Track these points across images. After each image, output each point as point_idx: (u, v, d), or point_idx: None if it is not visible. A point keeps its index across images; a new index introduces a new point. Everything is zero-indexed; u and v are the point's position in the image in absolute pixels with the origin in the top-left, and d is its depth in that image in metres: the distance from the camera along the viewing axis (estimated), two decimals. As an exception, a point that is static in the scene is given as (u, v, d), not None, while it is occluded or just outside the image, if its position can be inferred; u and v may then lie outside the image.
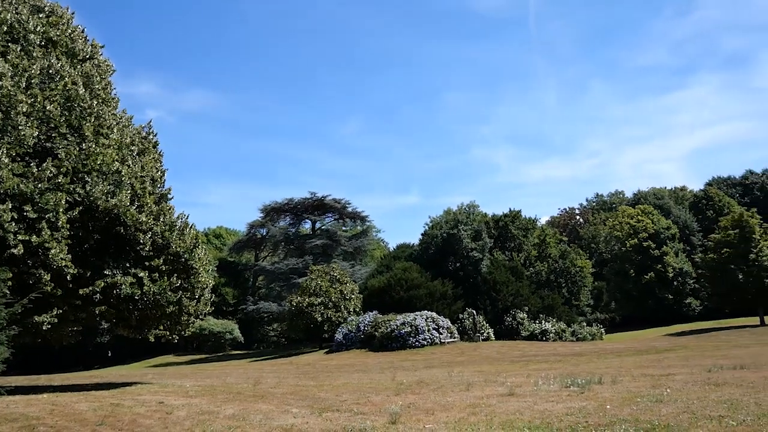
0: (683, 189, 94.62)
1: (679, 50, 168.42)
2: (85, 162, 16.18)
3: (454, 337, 42.24)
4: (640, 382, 14.27)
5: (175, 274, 18.48)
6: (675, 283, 67.89)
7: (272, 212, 61.07)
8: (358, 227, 65.92)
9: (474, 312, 45.74)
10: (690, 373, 15.83)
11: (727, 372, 15.48)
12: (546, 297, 51.66)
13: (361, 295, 46.82)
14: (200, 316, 21.11)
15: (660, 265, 67.42)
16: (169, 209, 19.35)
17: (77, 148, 16.24)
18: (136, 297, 17.34)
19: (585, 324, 50.96)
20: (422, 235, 56.33)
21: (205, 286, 20.09)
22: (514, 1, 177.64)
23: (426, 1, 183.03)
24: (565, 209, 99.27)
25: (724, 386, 12.50)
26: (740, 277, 50.58)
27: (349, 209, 60.81)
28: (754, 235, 51.56)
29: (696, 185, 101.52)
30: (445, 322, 42.13)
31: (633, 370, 18.26)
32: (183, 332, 21.13)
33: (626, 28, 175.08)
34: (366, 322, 42.16)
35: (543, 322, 47.34)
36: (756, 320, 52.36)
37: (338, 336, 42.12)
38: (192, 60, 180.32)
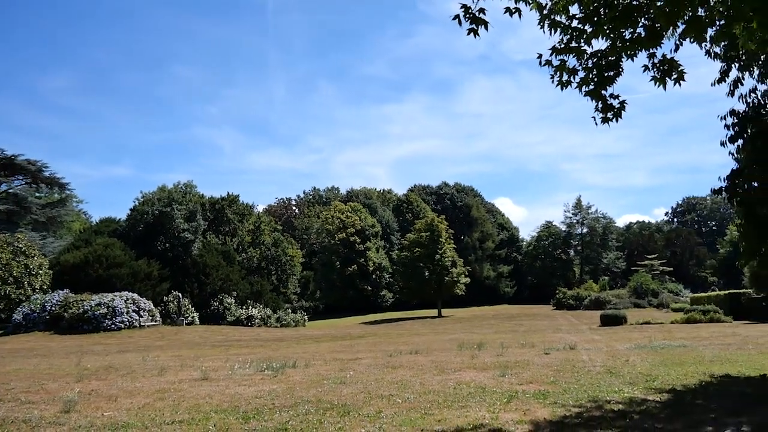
0: (390, 192, 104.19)
1: (398, 67, 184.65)
2: None
3: (156, 321, 40.30)
4: (330, 366, 15.25)
5: None
6: (374, 276, 74.55)
7: (-58, 167, 50.96)
8: (56, 195, 58.68)
9: (180, 295, 44.20)
10: (374, 358, 17.42)
11: (404, 357, 17.39)
12: (255, 283, 52.31)
13: (51, 271, 41.77)
14: None
15: (363, 259, 73.36)
16: None
17: None
18: None
19: (290, 311, 52.79)
20: (131, 210, 52.53)
21: None
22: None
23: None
24: (282, 199, 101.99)
25: (399, 369, 14.02)
26: (426, 274, 57.68)
27: (46, 174, 53.50)
28: (441, 239, 59.18)
29: (400, 190, 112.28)
30: (147, 304, 39.93)
31: (326, 354, 19.44)
32: None
33: (356, 37, 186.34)
34: (54, 301, 37.77)
35: (250, 307, 47.82)
36: (435, 312, 60.18)
37: (17, 316, 36.87)
38: None
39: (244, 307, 47.82)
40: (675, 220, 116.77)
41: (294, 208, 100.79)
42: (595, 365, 13.75)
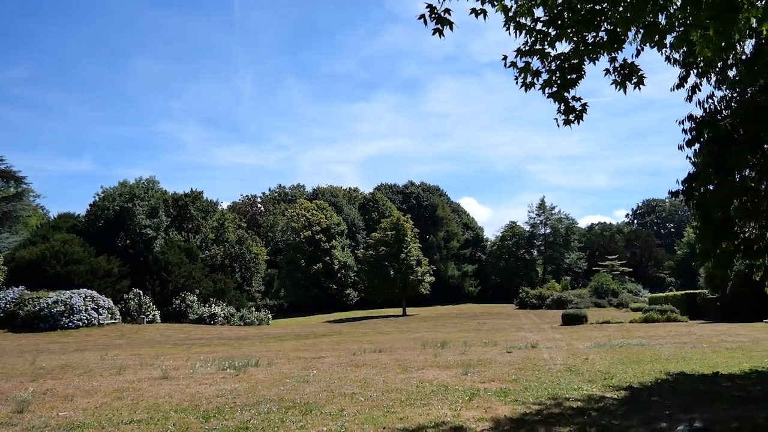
0: (356, 190, 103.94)
1: (366, 66, 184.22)
2: None
3: (116, 319, 39.52)
4: (293, 365, 15.16)
5: None
6: (339, 274, 74.43)
7: None
8: (11, 189, 57.04)
9: (140, 292, 43.44)
10: (338, 356, 17.38)
11: (368, 355, 17.39)
12: (219, 281, 51.71)
13: (6, 268, 40.60)
14: None
15: (328, 258, 73.15)
16: None
17: None
18: None
19: (254, 309, 52.36)
20: (91, 206, 51.39)
21: None
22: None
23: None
24: (247, 196, 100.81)
25: (363, 367, 14.01)
26: (391, 273, 57.82)
27: (1, 167, 52.10)
28: (406, 238, 59.41)
29: (367, 188, 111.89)
30: (106, 302, 39.12)
31: (290, 353, 19.32)
32: None
33: (325, 35, 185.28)
34: (9, 298, 36.76)
35: (213, 305, 47.27)
36: (400, 311, 60.37)
37: (-31, 314, 35.86)
38: None
39: (207, 305, 47.25)
40: (635, 221, 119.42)
41: (259, 205, 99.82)
42: (556, 363, 13.96)
